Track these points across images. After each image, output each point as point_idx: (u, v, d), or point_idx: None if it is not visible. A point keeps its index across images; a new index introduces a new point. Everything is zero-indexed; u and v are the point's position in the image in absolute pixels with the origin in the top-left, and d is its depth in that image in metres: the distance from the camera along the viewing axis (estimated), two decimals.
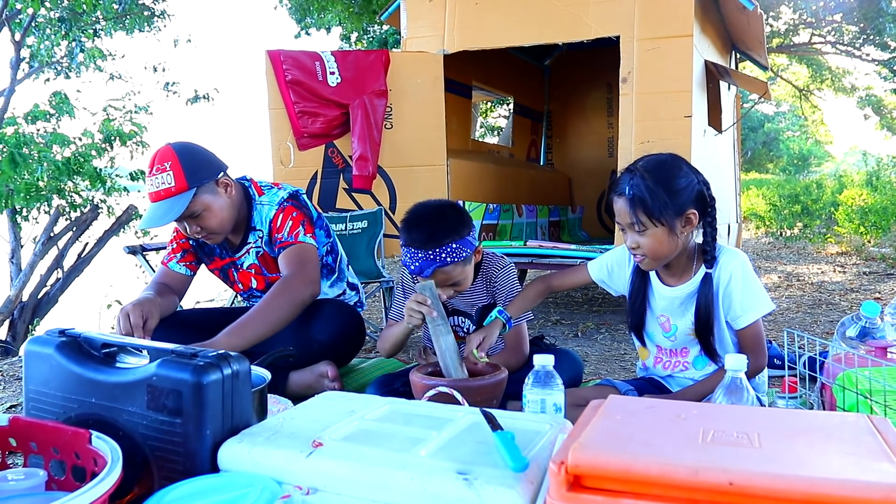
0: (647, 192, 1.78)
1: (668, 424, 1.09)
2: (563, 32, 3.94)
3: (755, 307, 1.87)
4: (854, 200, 9.34)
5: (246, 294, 2.53)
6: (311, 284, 2.24)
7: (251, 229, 2.39)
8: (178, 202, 2.18)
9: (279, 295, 2.17)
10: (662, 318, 2.00)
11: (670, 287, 1.97)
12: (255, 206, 2.39)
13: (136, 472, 1.25)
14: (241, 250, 2.43)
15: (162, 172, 2.17)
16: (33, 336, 1.46)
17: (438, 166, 3.99)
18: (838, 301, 4.68)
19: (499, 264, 2.24)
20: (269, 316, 2.11)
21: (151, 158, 2.23)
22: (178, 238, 2.46)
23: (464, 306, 2.25)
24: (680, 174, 1.83)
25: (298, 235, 2.32)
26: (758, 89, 4.67)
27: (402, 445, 1.18)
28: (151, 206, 2.22)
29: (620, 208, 1.85)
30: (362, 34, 11.40)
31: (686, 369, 2.00)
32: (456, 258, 2.02)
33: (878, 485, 0.86)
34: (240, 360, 1.33)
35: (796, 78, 18.04)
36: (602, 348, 3.37)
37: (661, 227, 1.80)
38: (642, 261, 1.88)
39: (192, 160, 2.22)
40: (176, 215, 2.18)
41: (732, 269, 1.88)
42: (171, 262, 2.43)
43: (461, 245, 2.03)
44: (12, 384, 2.87)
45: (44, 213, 6.58)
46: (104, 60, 10.19)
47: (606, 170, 6.38)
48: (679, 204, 1.80)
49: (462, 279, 2.10)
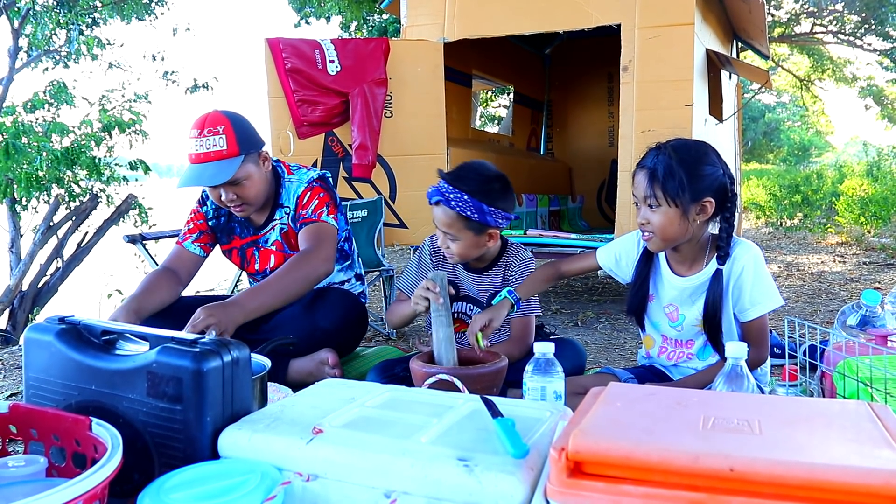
0: (668, 169, 1.78)
1: (668, 411, 1.09)
2: (563, 21, 3.92)
3: (764, 301, 1.87)
4: (854, 191, 9.34)
5: (262, 275, 2.51)
6: (326, 262, 2.25)
7: (278, 206, 2.43)
8: (228, 165, 2.21)
9: (294, 268, 2.18)
10: (670, 308, 1.99)
11: (681, 277, 1.96)
12: (284, 184, 2.43)
13: (137, 459, 1.25)
14: (266, 227, 2.45)
15: (214, 135, 2.19)
16: (33, 324, 1.46)
17: (438, 155, 3.97)
18: (838, 291, 4.68)
19: (520, 255, 2.24)
20: (283, 287, 2.13)
21: (199, 121, 2.24)
22: (196, 218, 2.47)
23: (477, 293, 2.25)
24: (706, 161, 1.82)
25: (321, 215, 2.35)
26: (759, 78, 4.65)
27: (403, 432, 1.18)
28: (197, 167, 2.22)
29: (639, 180, 1.84)
30: (362, 23, 11.35)
31: (689, 360, 2.00)
32: (459, 208, 2.02)
33: (879, 471, 0.86)
34: (240, 348, 1.33)
35: (797, 68, 18.00)
36: (602, 337, 3.37)
37: (673, 208, 1.79)
38: (650, 239, 1.87)
39: (243, 128, 2.26)
40: (226, 178, 2.20)
41: (745, 262, 1.87)
42: (186, 241, 2.43)
43: (474, 206, 2.02)
44: (13, 373, 2.87)
45: (43, 203, 6.56)
46: (103, 49, 10.14)
47: (607, 159, 6.36)
48: (697, 189, 1.79)
49: (461, 242, 2.09)
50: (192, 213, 2.49)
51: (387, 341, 3.32)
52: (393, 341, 3.32)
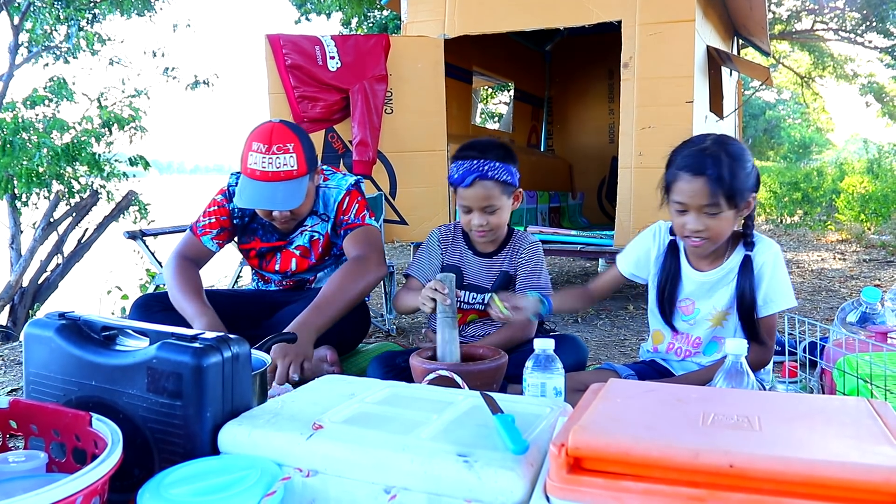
0: (731, 172, 1.73)
1: (668, 407, 1.09)
2: (564, 17, 3.92)
3: (778, 300, 1.87)
4: (855, 188, 9.33)
5: (280, 275, 2.49)
6: (380, 266, 2.25)
7: (311, 213, 2.38)
8: (297, 187, 2.16)
9: (353, 277, 2.16)
10: (686, 302, 1.99)
11: (701, 272, 1.95)
12: (320, 191, 2.37)
13: (137, 455, 1.25)
14: (293, 233, 2.41)
15: (284, 153, 2.12)
16: (33, 319, 1.46)
17: (439, 151, 3.97)
18: (838, 288, 4.68)
19: (528, 240, 2.31)
20: (345, 298, 2.12)
21: (265, 134, 2.15)
22: (219, 213, 2.38)
23: (484, 278, 2.27)
24: (748, 156, 1.80)
25: (365, 218, 2.34)
26: (760, 75, 4.64)
27: (403, 428, 1.18)
28: (265, 186, 2.14)
29: (697, 188, 1.75)
30: (362, 19, 11.33)
31: (695, 355, 2.00)
32: (497, 176, 2.11)
33: (879, 467, 0.86)
34: (240, 343, 1.33)
35: (798, 65, 17.97)
36: (602, 334, 3.38)
37: (732, 211, 1.77)
38: (701, 244, 1.83)
39: (309, 144, 2.21)
40: (299, 201, 2.15)
41: (767, 258, 1.86)
42: (204, 236, 2.36)
43: (506, 169, 2.13)
44: (13, 368, 2.87)
45: (43, 199, 6.56)
46: (103, 45, 10.13)
47: (607, 156, 6.35)
48: (749, 186, 1.78)
49: (499, 211, 2.15)
50: (214, 205, 2.39)
51: (387, 337, 3.32)
52: (393, 337, 3.32)
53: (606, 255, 3.83)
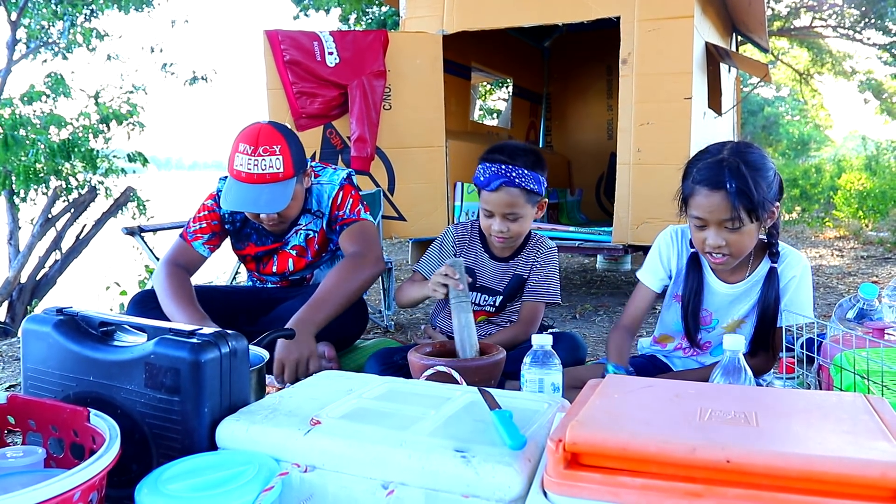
0: (752, 185, 1.62)
1: (665, 403, 1.09)
2: (563, 13, 3.91)
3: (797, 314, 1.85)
4: (853, 185, 9.33)
5: (277, 276, 2.48)
6: (378, 262, 2.23)
7: (304, 212, 2.36)
8: (283, 189, 2.12)
9: (351, 274, 2.14)
10: (704, 313, 1.94)
11: (727, 284, 1.89)
12: (312, 188, 2.35)
13: (135, 450, 1.26)
14: (288, 234, 2.38)
15: (270, 155, 2.09)
16: (31, 315, 1.46)
17: (437, 147, 3.97)
18: (836, 285, 4.68)
19: (545, 245, 2.28)
20: (343, 294, 2.10)
21: (251, 135, 2.12)
22: (210, 218, 2.35)
23: (496, 283, 2.26)
24: (768, 163, 1.69)
25: (360, 213, 2.31)
26: (758, 72, 4.64)
27: (401, 423, 1.18)
28: (250, 189, 2.11)
29: (716, 203, 1.65)
30: (361, 15, 11.30)
31: (699, 354, 1.99)
32: (524, 184, 2.06)
33: (875, 462, 0.86)
34: (237, 339, 1.33)
35: (797, 61, 17.96)
36: (600, 330, 3.38)
37: (755, 223, 1.67)
38: (724, 261, 1.73)
39: (297, 146, 2.17)
40: (284, 204, 2.12)
41: (796, 272, 1.81)
42: (196, 241, 2.33)
43: (533, 177, 2.08)
44: (11, 364, 2.87)
45: (41, 195, 6.56)
46: (101, 41, 10.11)
47: (606, 152, 6.35)
48: (772, 196, 1.68)
49: (521, 219, 2.12)
50: (204, 209, 2.36)
51: (385, 333, 3.32)
52: (391, 333, 3.32)
53: (605, 252, 3.82)
